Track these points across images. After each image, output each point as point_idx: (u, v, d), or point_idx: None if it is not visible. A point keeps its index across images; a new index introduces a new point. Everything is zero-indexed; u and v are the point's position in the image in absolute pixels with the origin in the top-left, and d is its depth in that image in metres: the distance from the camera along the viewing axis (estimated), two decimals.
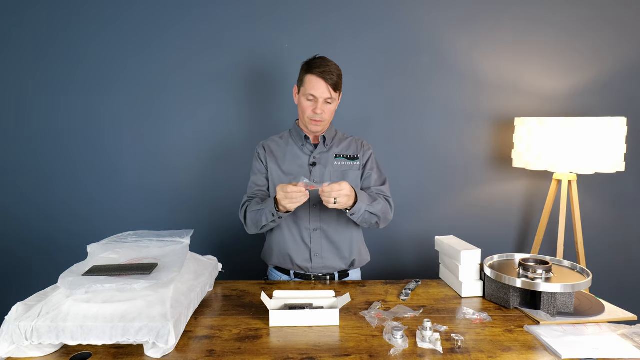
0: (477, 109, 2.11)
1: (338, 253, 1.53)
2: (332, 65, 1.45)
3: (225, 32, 2.01)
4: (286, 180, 1.51)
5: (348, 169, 1.54)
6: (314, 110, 1.46)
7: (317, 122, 1.48)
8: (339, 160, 1.54)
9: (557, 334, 1.07)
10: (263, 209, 1.41)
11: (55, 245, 2.10)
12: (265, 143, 1.61)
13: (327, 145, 1.56)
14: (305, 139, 1.55)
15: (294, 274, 1.56)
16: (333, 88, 1.45)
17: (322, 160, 1.54)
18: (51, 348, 0.98)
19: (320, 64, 1.44)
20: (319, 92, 1.44)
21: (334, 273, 1.55)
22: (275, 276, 1.61)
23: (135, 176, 2.09)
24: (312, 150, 1.55)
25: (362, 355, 0.98)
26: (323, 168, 1.52)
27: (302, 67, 1.50)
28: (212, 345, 1.02)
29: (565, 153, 1.76)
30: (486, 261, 1.34)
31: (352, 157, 1.56)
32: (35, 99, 2.03)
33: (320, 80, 1.43)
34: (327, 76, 1.43)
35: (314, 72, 1.44)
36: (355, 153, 1.57)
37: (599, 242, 2.18)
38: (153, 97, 2.04)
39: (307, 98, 1.47)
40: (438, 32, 2.06)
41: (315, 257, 1.51)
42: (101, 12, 1.99)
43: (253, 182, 1.57)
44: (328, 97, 1.46)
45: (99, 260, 1.17)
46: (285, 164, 1.54)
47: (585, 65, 2.10)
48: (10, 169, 2.07)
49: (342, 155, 1.55)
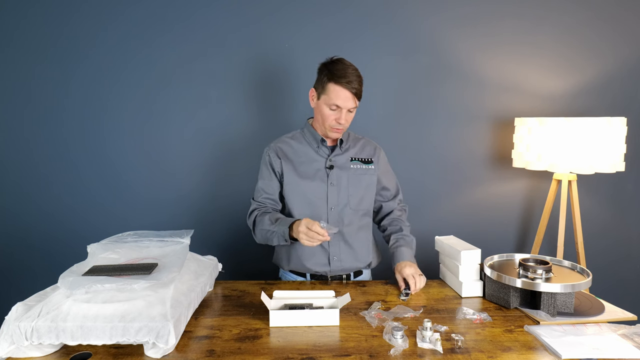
0: (477, 109, 2.11)
1: (355, 255, 1.52)
2: (355, 73, 1.40)
3: (228, 33, 2.01)
4: (302, 184, 1.49)
5: (363, 173, 1.54)
6: (337, 120, 1.43)
7: (339, 130, 1.47)
8: (355, 164, 1.54)
9: (557, 334, 1.07)
10: (276, 232, 1.38)
11: (55, 245, 2.10)
12: (276, 145, 1.55)
13: (343, 147, 1.55)
14: (322, 142, 1.53)
15: (310, 275, 1.54)
16: (357, 97, 1.42)
17: (339, 163, 1.52)
18: (51, 348, 0.98)
19: (344, 73, 1.38)
20: (344, 103, 1.40)
21: (350, 273, 1.55)
22: (290, 278, 1.59)
23: (136, 176, 2.09)
24: (329, 153, 1.53)
25: (362, 355, 0.98)
26: (339, 171, 1.51)
27: (323, 72, 1.43)
28: (212, 345, 1.02)
29: (565, 153, 1.76)
30: (486, 261, 1.34)
31: (367, 161, 1.56)
32: (36, 100, 2.03)
33: (346, 92, 1.39)
34: (352, 86, 1.38)
35: (339, 82, 1.38)
36: (369, 157, 1.57)
37: (599, 242, 2.18)
38: (154, 97, 2.04)
39: (330, 107, 1.42)
40: (438, 32, 2.06)
41: (334, 261, 1.50)
42: (102, 11, 1.98)
43: (261, 188, 1.54)
44: (352, 107, 1.43)
45: (99, 260, 1.17)
46: (301, 166, 1.51)
47: (585, 65, 2.10)
48: (11, 168, 2.07)
49: (357, 158, 1.55)
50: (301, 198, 1.49)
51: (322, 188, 1.49)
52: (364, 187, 1.53)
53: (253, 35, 2.02)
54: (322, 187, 1.49)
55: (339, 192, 1.49)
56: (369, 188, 1.55)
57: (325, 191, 1.49)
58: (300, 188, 1.49)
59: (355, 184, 1.51)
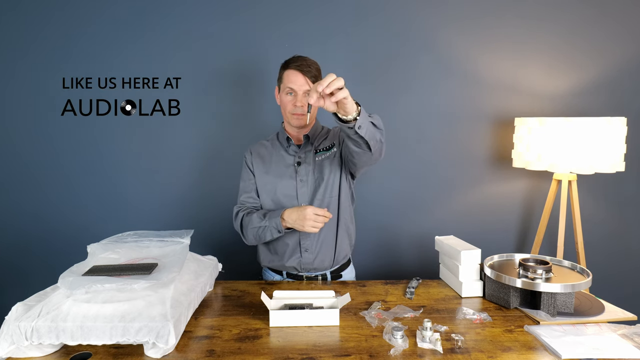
0: (477, 109, 2.11)
1: (327, 248, 1.53)
2: (309, 60, 1.47)
3: (222, 34, 2.01)
4: (272, 182, 1.52)
5: (326, 158, 1.53)
6: (294, 104, 1.47)
7: (299, 115, 1.48)
8: (319, 155, 1.54)
9: (557, 334, 1.07)
10: (267, 226, 1.42)
11: (55, 245, 2.10)
12: (252, 147, 1.61)
13: (312, 143, 1.56)
14: (287, 140, 1.55)
15: (286, 274, 1.56)
16: (312, 80, 1.46)
17: (307, 158, 1.54)
18: (51, 348, 0.98)
19: (296, 60, 1.46)
20: (297, 85, 1.45)
21: (326, 273, 1.56)
22: (269, 276, 1.62)
23: (134, 177, 2.09)
24: (297, 151, 1.55)
25: (362, 355, 0.98)
26: (307, 166, 1.52)
27: (281, 66, 1.52)
28: (212, 345, 1.02)
29: (565, 153, 1.76)
30: (486, 261, 1.34)
31: (328, 148, 1.55)
32: (33, 101, 2.03)
33: (297, 73, 1.45)
34: (304, 69, 1.44)
35: (290, 67, 1.46)
36: (332, 141, 1.57)
37: (599, 242, 2.18)
38: (154, 97, 2.04)
39: (286, 92, 1.48)
40: (438, 32, 2.06)
41: (306, 253, 1.51)
42: (93, 10, 1.98)
43: (242, 189, 1.58)
44: (307, 89, 1.46)
45: (99, 260, 1.17)
46: (272, 166, 1.55)
47: (585, 65, 2.10)
48: (11, 168, 2.07)
49: (321, 149, 1.55)
50: (272, 196, 1.53)
51: (291, 185, 1.51)
52: (328, 171, 1.51)
53: (250, 37, 2.02)
54: (291, 184, 1.51)
55: (307, 187, 1.51)
56: (334, 171, 1.52)
57: (294, 187, 1.51)
58: (271, 186, 1.53)
59: (320, 174, 1.51)
